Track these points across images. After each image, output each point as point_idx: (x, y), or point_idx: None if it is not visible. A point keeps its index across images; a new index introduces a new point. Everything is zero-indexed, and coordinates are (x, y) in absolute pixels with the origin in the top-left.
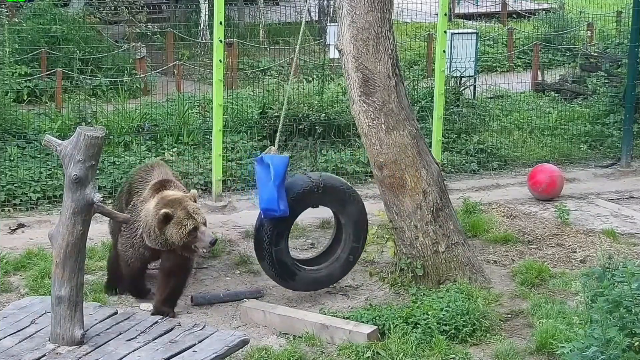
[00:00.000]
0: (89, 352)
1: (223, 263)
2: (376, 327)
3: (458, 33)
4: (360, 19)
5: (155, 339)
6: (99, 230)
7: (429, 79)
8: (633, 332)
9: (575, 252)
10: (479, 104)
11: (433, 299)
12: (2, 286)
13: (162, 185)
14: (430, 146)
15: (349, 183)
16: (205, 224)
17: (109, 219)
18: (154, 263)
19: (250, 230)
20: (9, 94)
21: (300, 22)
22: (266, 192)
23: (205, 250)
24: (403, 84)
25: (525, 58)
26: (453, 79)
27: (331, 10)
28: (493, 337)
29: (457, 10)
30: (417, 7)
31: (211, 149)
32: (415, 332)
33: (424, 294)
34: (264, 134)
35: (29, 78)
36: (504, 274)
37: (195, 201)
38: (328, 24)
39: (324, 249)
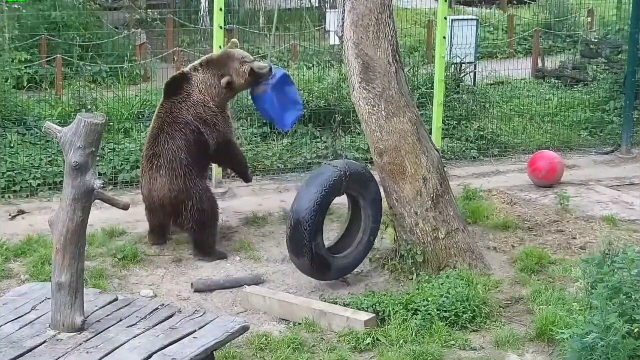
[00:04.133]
0: (90, 339)
1: (223, 249)
2: (374, 314)
3: (458, 19)
4: (361, 5)
5: (156, 325)
6: (99, 217)
7: (429, 65)
8: (633, 318)
9: (575, 238)
10: (479, 91)
11: (433, 285)
12: (3, 272)
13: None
14: (430, 133)
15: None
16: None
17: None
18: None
19: (249, 217)
20: (8, 80)
21: (301, 8)
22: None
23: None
24: (403, 70)
25: (525, 44)
26: (453, 66)
27: None
28: (493, 323)
29: None
30: None
31: None
32: (415, 319)
33: (424, 280)
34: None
35: (29, 64)
36: (504, 260)
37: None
38: (328, 10)
39: (340, 234)
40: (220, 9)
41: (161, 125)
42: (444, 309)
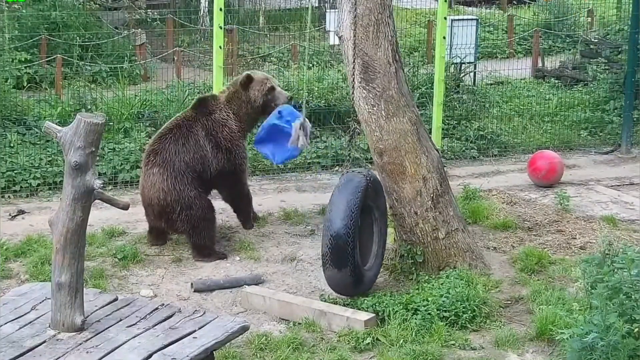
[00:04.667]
0: (90, 338)
1: (223, 249)
2: (374, 314)
3: (458, 19)
4: (361, 5)
5: (156, 325)
6: (99, 217)
7: (429, 65)
8: (632, 318)
9: (575, 238)
10: (479, 91)
11: (433, 285)
12: (3, 273)
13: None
14: (430, 133)
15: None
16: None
17: None
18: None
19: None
20: (8, 81)
21: (301, 8)
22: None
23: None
24: (403, 70)
25: (525, 44)
26: (453, 66)
27: None
28: (493, 323)
29: None
30: None
31: None
32: (415, 319)
33: (424, 280)
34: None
35: (29, 64)
36: (504, 260)
37: None
38: (328, 10)
39: None
40: (220, 9)
41: (172, 127)
42: (444, 309)
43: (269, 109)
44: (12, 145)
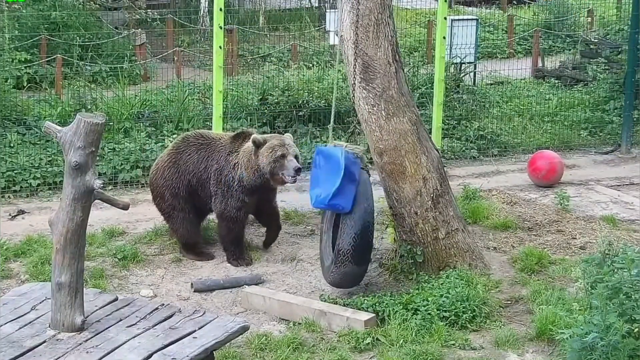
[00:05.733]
0: (90, 338)
1: (223, 249)
2: (374, 314)
3: (458, 19)
4: (361, 5)
5: (156, 325)
6: (99, 217)
7: (429, 65)
8: (632, 318)
9: (575, 238)
10: (479, 91)
11: (433, 285)
12: (3, 273)
13: (246, 133)
14: (430, 133)
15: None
16: (295, 157)
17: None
18: None
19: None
20: (8, 81)
21: (301, 8)
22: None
23: (290, 177)
24: (403, 70)
25: (525, 44)
26: (453, 66)
27: None
28: (493, 323)
29: None
30: None
31: None
32: (415, 319)
33: (424, 280)
34: (264, 120)
35: (29, 64)
36: (504, 260)
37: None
38: (328, 10)
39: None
40: (220, 9)
41: (214, 137)
42: (444, 309)
43: (276, 178)
44: (12, 145)
